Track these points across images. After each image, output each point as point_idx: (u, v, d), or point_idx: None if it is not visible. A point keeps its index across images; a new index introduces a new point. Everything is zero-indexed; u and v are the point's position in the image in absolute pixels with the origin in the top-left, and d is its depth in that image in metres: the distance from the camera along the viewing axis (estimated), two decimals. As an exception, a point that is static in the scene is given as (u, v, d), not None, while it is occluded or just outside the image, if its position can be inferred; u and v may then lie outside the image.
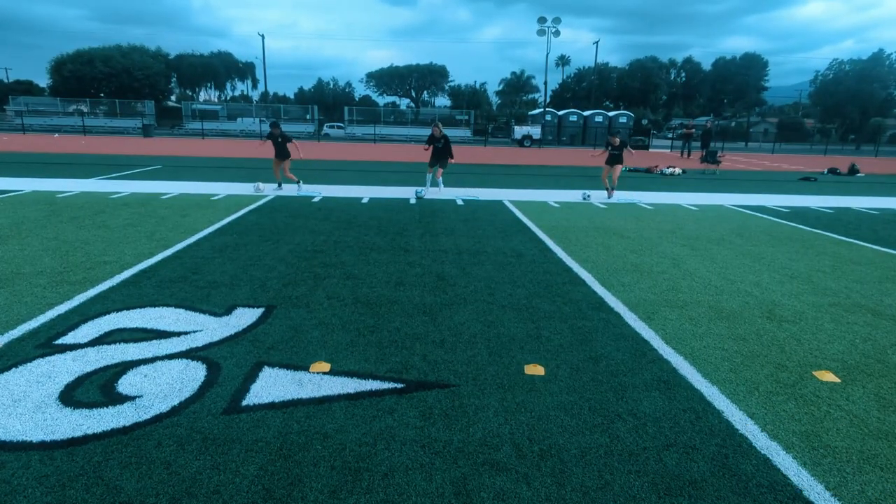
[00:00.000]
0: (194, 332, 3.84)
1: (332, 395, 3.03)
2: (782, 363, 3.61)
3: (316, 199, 10.23)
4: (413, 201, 10.29)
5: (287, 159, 11.21)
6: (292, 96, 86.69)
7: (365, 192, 11.37)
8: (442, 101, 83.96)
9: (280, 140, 11.12)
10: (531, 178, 16.12)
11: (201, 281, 4.99)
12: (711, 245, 7.17)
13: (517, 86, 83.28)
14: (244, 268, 5.46)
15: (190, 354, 3.49)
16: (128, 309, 4.24)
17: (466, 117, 50.03)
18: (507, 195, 11.57)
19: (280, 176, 11.32)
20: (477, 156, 25.89)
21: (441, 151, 11.24)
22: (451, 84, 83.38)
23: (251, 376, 3.22)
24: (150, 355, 3.46)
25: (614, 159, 11.13)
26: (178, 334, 3.79)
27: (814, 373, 3.48)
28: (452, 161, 11.48)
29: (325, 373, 3.29)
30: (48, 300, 4.36)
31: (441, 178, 11.40)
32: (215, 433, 2.64)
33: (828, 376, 3.43)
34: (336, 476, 2.36)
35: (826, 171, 21.58)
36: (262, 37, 56.07)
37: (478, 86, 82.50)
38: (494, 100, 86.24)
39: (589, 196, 11.23)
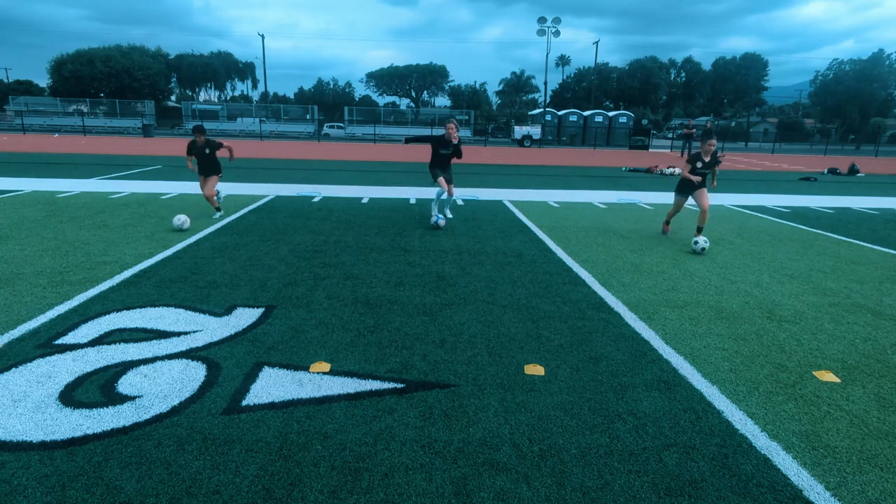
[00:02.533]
0: (194, 332, 3.84)
1: (332, 395, 3.04)
2: (782, 363, 3.61)
3: (316, 199, 10.23)
4: (413, 201, 10.28)
5: (215, 176, 7.96)
6: (292, 96, 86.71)
7: (365, 192, 11.37)
8: (442, 101, 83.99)
9: (207, 151, 7.83)
10: (531, 178, 16.12)
11: (201, 281, 4.99)
12: (711, 245, 7.17)
13: (517, 86, 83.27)
14: (244, 268, 5.46)
15: (190, 354, 3.49)
16: (128, 309, 4.24)
17: (466, 117, 50.07)
18: (507, 195, 11.57)
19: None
20: (477, 156, 25.88)
21: (447, 158, 8.08)
22: (451, 84, 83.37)
23: (251, 376, 3.21)
24: (150, 355, 3.46)
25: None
26: (178, 334, 3.79)
27: (814, 373, 3.48)
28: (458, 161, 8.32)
29: (325, 373, 3.29)
30: (48, 300, 4.36)
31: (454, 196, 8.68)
32: (215, 433, 2.64)
33: (828, 376, 3.43)
34: (336, 476, 2.36)
35: (826, 171, 21.57)
36: (262, 37, 56.17)
37: (478, 86, 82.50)
38: (494, 100, 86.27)
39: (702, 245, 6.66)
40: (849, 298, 5.05)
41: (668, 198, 12.00)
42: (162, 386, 3.08)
